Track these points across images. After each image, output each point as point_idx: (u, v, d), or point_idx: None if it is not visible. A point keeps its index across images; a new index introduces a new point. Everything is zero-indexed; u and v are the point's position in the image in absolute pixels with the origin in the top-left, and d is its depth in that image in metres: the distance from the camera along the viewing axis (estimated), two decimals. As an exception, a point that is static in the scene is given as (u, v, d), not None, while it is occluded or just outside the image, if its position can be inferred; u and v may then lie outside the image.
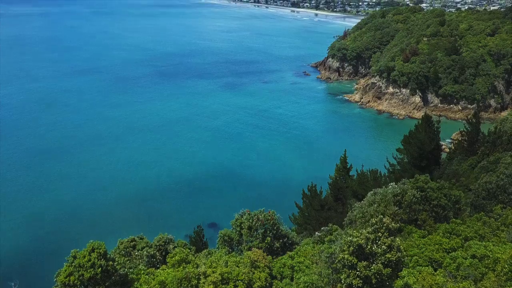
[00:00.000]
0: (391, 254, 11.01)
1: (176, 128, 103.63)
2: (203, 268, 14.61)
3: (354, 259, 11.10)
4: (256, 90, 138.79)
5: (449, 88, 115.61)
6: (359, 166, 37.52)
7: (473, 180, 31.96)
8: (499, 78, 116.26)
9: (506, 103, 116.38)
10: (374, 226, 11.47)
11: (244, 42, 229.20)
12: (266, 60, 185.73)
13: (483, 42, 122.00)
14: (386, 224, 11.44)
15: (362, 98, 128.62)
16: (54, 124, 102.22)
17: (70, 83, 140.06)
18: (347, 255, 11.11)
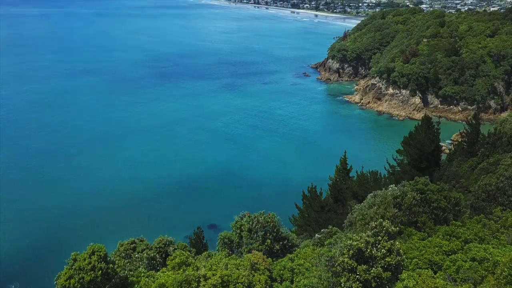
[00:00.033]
0: (390, 257, 11.05)
1: (176, 129, 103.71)
2: (203, 271, 14.62)
3: (354, 262, 11.13)
4: (256, 91, 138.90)
5: (449, 89, 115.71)
6: (359, 167, 37.48)
7: (473, 182, 31.94)
8: (499, 79, 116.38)
9: (506, 104, 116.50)
10: (373, 230, 11.51)
11: (244, 43, 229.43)
12: (266, 61, 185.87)
13: (483, 43, 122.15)
14: (386, 228, 11.47)
15: (362, 99, 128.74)
16: (54, 125, 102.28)
17: (70, 84, 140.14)
18: (346, 259, 11.14)
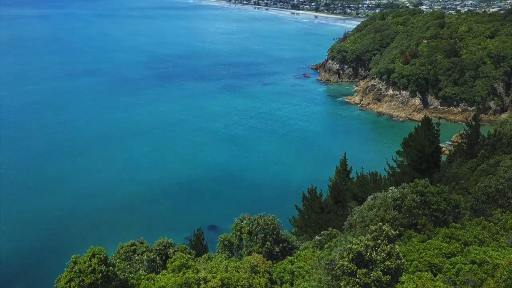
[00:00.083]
0: (390, 261, 11.07)
1: (176, 130, 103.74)
2: (203, 273, 14.64)
3: (354, 266, 11.15)
4: (256, 92, 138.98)
5: (449, 90, 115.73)
6: (359, 169, 37.48)
7: (472, 183, 31.93)
8: (498, 80, 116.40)
9: (506, 105, 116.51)
10: (373, 234, 11.52)
11: (244, 44, 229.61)
12: (266, 62, 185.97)
13: (482, 44, 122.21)
14: (385, 232, 11.49)
15: (362, 100, 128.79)
16: (54, 126, 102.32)
17: (70, 85, 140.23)
18: (346, 262, 11.16)
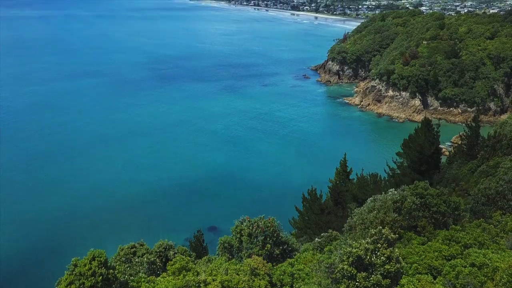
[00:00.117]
0: (390, 265, 11.09)
1: (175, 131, 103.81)
2: (203, 276, 14.65)
3: (354, 269, 11.18)
4: (256, 93, 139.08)
5: (448, 91, 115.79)
6: (359, 170, 37.48)
7: (472, 185, 31.95)
8: (498, 81, 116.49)
9: (505, 106, 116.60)
10: (373, 237, 11.55)
11: (244, 45, 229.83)
12: (266, 63, 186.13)
13: (482, 46, 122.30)
14: (385, 235, 11.52)
15: (362, 101, 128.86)
16: (54, 127, 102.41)
17: (70, 85, 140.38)
18: (346, 266, 11.19)
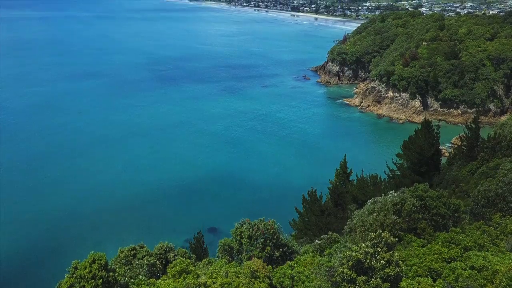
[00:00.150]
0: (390, 269, 11.11)
1: (176, 132, 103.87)
2: (204, 279, 14.68)
3: (353, 273, 11.20)
4: (256, 94, 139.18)
5: (448, 93, 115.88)
6: (359, 171, 37.46)
7: (472, 186, 31.95)
8: (498, 83, 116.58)
9: (505, 107, 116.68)
10: (373, 241, 11.57)
11: (244, 46, 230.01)
12: (266, 64, 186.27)
13: (482, 47, 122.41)
14: (385, 239, 11.54)
15: (362, 102, 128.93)
16: (54, 128, 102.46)
17: (70, 86, 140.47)
18: (346, 269, 11.21)
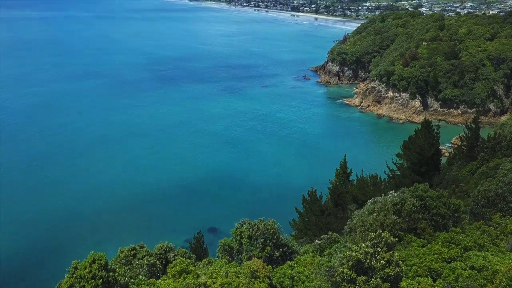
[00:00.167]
0: (390, 269, 11.12)
1: (176, 132, 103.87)
2: (204, 279, 14.69)
3: (353, 273, 11.20)
4: (256, 94, 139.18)
5: (448, 93, 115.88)
6: (359, 171, 37.46)
7: (472, 186, 31.95)
8: (498, 83, 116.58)
9: (505, 107, 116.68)
10: (373, 241, 11.57)
11: (244, 46, 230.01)
12: (266, 64, 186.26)
13: (482, 47, 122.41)
14: (385, 239, 11.54)
15: (362, 102, 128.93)
16: (54, 128, 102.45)
17: (70, 86, 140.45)
18: (346, 269, 11.21)
